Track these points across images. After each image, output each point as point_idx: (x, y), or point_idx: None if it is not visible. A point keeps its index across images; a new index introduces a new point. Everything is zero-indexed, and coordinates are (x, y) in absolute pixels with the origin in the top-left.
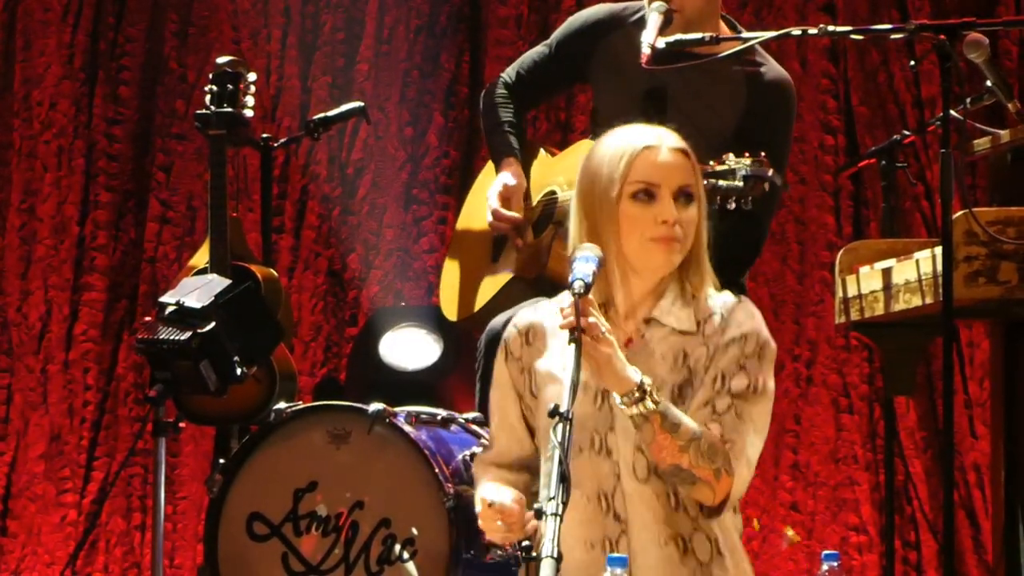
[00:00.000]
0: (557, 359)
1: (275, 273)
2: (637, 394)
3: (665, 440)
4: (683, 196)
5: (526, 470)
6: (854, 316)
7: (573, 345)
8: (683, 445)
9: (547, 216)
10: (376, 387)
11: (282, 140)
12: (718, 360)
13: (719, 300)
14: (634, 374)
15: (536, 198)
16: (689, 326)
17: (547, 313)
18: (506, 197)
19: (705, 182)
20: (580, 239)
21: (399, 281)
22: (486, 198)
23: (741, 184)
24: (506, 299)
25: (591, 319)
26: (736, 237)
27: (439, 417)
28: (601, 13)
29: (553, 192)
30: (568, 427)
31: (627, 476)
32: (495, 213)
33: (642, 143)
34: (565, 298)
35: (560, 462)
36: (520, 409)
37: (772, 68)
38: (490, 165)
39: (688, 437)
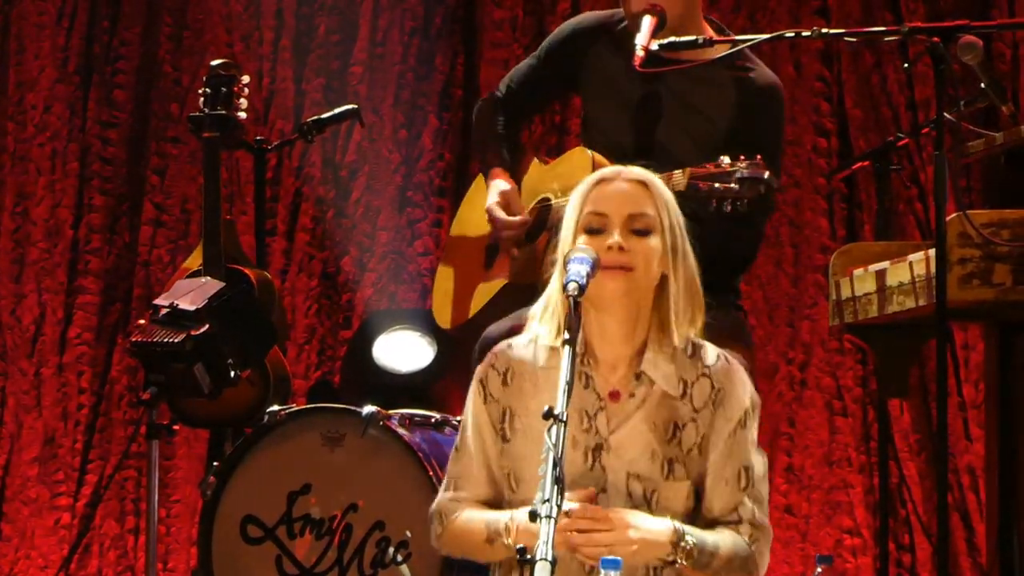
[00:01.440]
0: (546, 403)
1: (268, 276)
2: (671, 557)
3: (695, 574)
4: (634, 225)
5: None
6: (848, 319)
7: (567, 347)
8: (715, 570)
9: (540, 223)
10: (370, 390)
11: (276, 143)
12: (727, 448)
13: (705, 359)
14: (662, 533)
15: (529, 205)
16: (673, 387)
17: (525, 351)
18: (506, 204)
19: (701, 184)
20: (555, 276)
21: (393, 284)
22: (481, 208)
23: (737, 186)
24: (500, 307)
25: (597, 548)
26: (732, 240)
27: (433, 420)
28: (589, 20)
29: (547, 199)
30: (562, 429)
31: None
32: (501, 222)
33: (598, 177)
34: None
35: (555, 464)
36: (499, 451)
37: (762, 72)
38: (479, 180)
39: (719, 565)
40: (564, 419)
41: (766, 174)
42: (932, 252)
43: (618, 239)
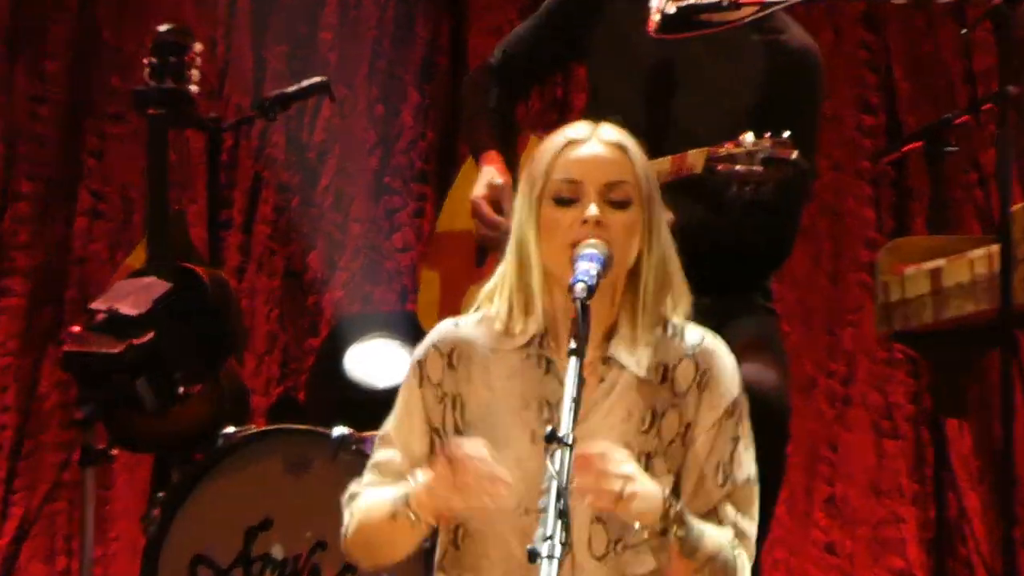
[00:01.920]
0: (499, 391)
1: (223, 275)
2: (660, 525)
3: (680, 567)
4: (612, 195)
5: None
6: (897, 325)
7: (574, 358)
8: (699, 567)
9: None
10: (342, 408)
11: (232, 121)
12: (709, 440)
13: (687, 339)
14: (655, 494)
15: None
16: (648, 372)
17: (475, 331)
18: (495, 199)
19: (720, 167)
20: (510, 249)
21: (368, 283)
22: (469, 198)
23: (760, 168)
24: None
25: (607, 490)
26: (757, 232)
27: None
28: None
29: None
30: (569, 454)
31: (581, 551)
32: (487, 221)
33: (569, 137)
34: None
35: (558, 495)
36: (428, 444)
37: (796, 35)
38: (470, 163)
39: (706, 558)
40: (571, 442)
41: (793, 154)
42: (995, 248)
43: (595, 212)
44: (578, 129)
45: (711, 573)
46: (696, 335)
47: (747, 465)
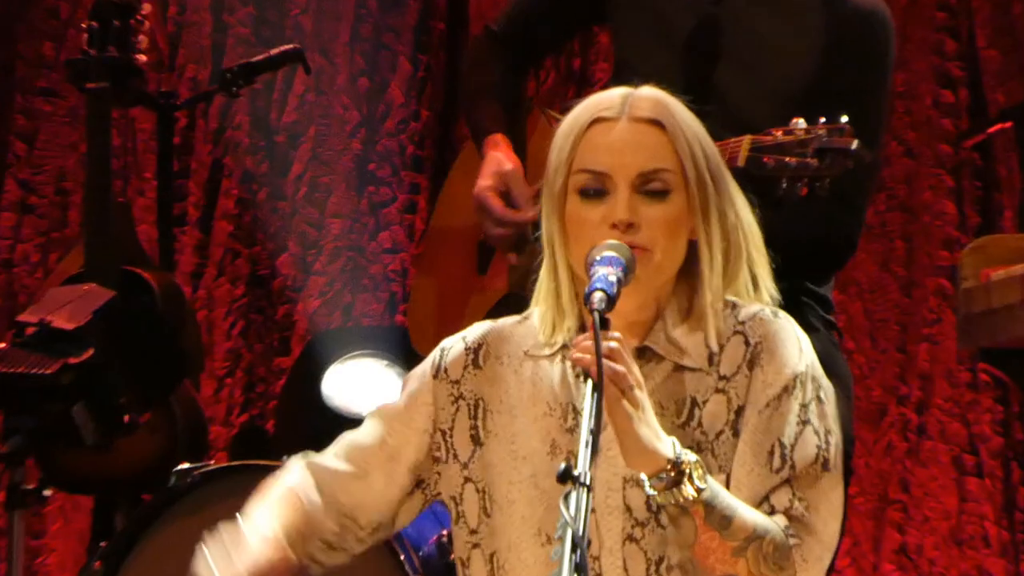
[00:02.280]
0: (524, 398)
1: (176, 281)
2: (672, 474)
3: (712, 541)
4: (647, 187)
5: (344, 528)
6: (983, 341)
7: (590, 384)
8: (738, 547)
9: None
10: (318, 440)
11: (187, 97)
12: (763, 421)
13: (740, 314)
14: (667, 444)
15: (535, 186)
16: (698, 360)
17: (514, 331)
18: (504, 190)
19: (766, 158)
20: (545, 250)
21: (349, 292)
22: (470, 189)
23: (814, 161)
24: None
25: (618, 366)
26: (813, 231)
27: None
28: None
29: None
30: (587, 495)
31: None
32: (496, 216)
33: (592, 115)
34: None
35: (574, 544)
36: (426, 448)
37: None
38: (471, 147)
39: (745, 535)
40: (588, 483)
41: (853, 144)
42: None
43: (624, 216)
44: (606, 101)
45: (759, 558)
46: (751, 308)
47: (820, 450)
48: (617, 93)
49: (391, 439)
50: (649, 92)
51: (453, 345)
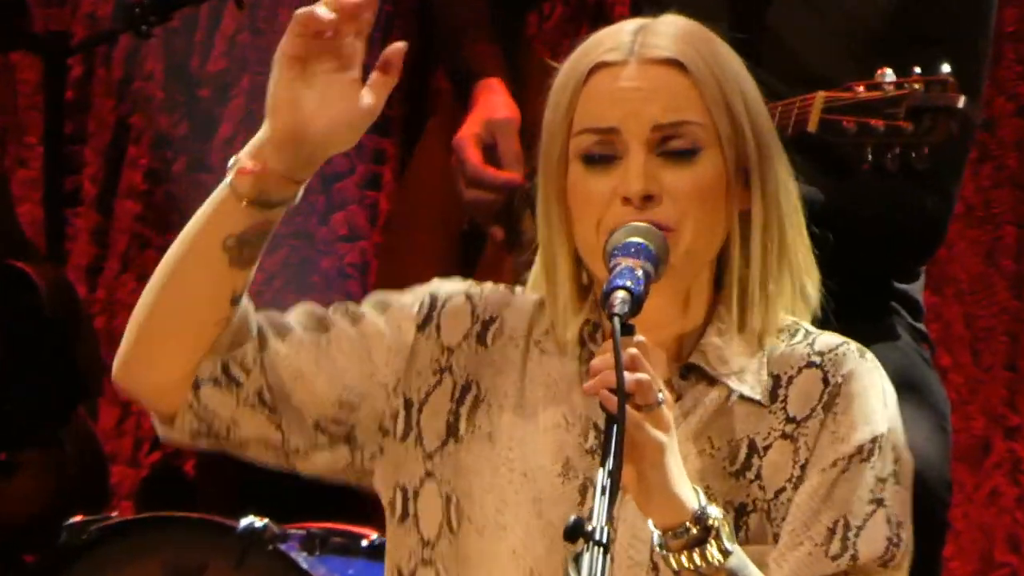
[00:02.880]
0: (534, 402)
1: (67, 276)
2: (694, 531)
3: None
4: (668, 146)
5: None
6: None
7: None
8: None
9: None
10: (252, 485)
11: (82, 38)
12: (826, 485)
13: (816, 343)
14: (690, 492)
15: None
16: (757, 389)
17: (529, 313)
18: (490, 142)
19: (846, 122)
20: (540, 230)
21: (294, 292)
22: (450, 159)
23: (910, 125)
24: None
25: (641, 375)
26: (896, 217)
27: (364, 542)
28: None
29: None
30: (604, 559)
31: None
32: (474, 174)
33: (593, 60)
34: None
35: None
36: (372, 408)
37: None
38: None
39: None
40: (605, 542)
41: (960, 102)
42: None
43: (638, 184)
44: (610, 41)
45: None
46: (832, 339)
47: (891, 544)
48: (626, 29)
49: (335, 357)
50: (668, 24)
51: (452, 296)
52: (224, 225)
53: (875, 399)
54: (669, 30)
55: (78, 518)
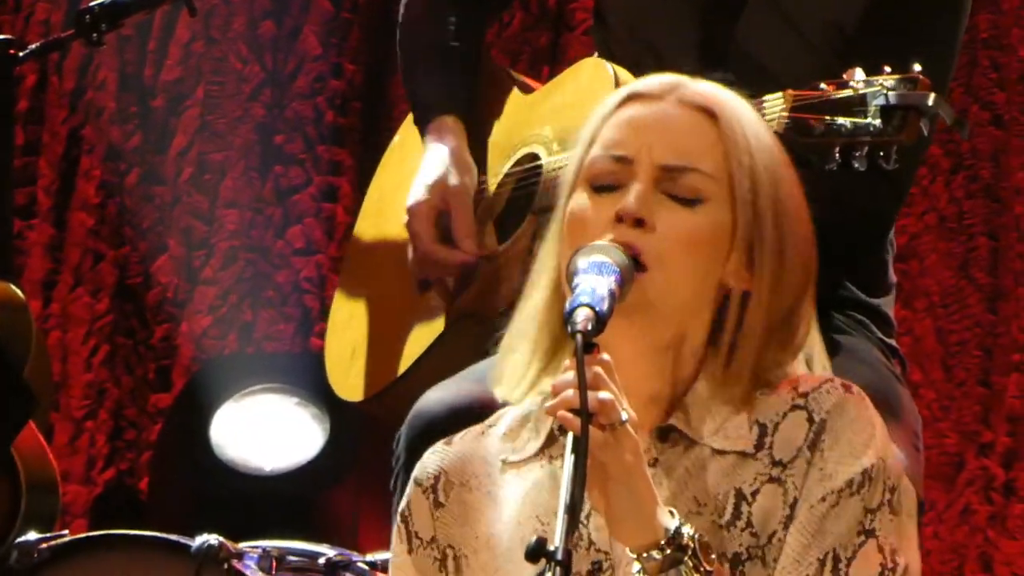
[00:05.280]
0: (509, 521)
1: (19, 292)
2: (668, 551)
3: None
4: (672, 188)
5: None
6: None
7: (570, 435)
8: None
9: (522, 201)
10: (207, 503)
11: (34, 45)
12: (815, 521)
13: (800, 385)
14: (664, 512)
15: (502, 169)
16: (742, 440)
17: (481, 442)
18: (442, 209)
19: (814, 121)
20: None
21: (248, 307)
22: (411, 174)
23: (879, 123)
24: (449, 355)
25: (604, 394)
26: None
27: (322, 559)
28: None
29: (533, 156)
30: None
31: None
32: (423, 250)
33: (630, 90)
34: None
35: None
36: None
37: None
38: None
39: None
40: (565, 560)
41: (930, 99)
42: None
43: (634, 203)
44: (652, 79)
45: None
46: (815, 379)
47: (883, 569)
48: (670, 75)
49: None
50: (715, 83)
51: (410, 499)
52: None
53: (862, 432)
54: (713, 86)
55: (28, 536)
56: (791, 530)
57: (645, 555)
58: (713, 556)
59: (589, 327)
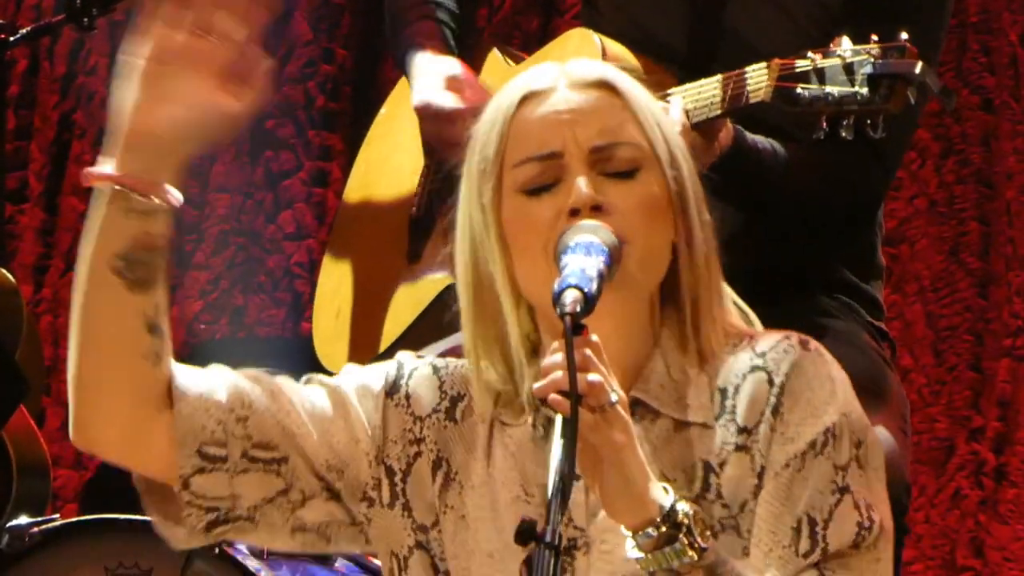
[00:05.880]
0: (497, 479)
1: (10, 278)
2: (664, 529)
3: None
4: (610, 166)
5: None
6: None
7: (559, 418)
8: None
9: None
10: None
11: (24, 30)
12: (782, 487)
13: (757, 346)
14: (658, 490)
15: None
16: (705, 410)
17: (488, 390)
18: (456, 88)
19: (800, 89)
20: (464, 278)
21: (239, 292)
22: (400, 148)
23: (866, 91)
24: (438, 323)
25: (594, 376)
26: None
27: None
28: None
29: None
30: (555, 561)
31: None
32: (438, 113)
33: (522, 91)
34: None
35: None
36: (360, 473)
37: None
38: (401, 90)
39: None
40: (556, 545)
41: (917, 67)
42: None
43: (586, 190)
44: (535, 73)
45: None
46: (772, 337)
47: (862, 529)
48: (549, 64)
49: (323, 416)
50: (585, 60)
51: (419, 367)
52: (105, 246)
53: (821, 389)
54: (591, 61)
55: (20, 520)
56: (760, 500)
57: (640, 533)
58: (709, 532)
59: (578, 309)
